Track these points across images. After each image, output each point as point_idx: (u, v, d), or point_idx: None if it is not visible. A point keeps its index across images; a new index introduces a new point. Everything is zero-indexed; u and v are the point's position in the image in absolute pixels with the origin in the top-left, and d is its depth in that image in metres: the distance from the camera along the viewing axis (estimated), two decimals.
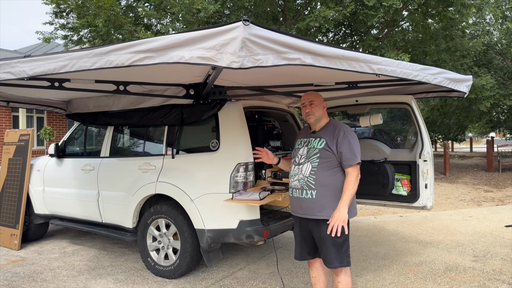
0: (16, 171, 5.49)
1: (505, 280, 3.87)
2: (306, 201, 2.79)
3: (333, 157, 2.76)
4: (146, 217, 4.15)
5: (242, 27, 1.94)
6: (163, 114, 4.13)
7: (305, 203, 2.80)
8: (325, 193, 2.74)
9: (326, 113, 2.97)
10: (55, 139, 12.15)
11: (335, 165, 2.77)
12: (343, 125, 2.87)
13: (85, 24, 9.79)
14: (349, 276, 2.82)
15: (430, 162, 4.06)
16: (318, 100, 2.93)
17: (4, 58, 2.45)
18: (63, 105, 5.27)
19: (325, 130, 2.87)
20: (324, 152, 2.78)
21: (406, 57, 8.77)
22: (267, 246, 5.03)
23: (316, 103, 2.91)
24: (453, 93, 4.03)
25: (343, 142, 2.74)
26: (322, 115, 2.92)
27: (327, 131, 2.86)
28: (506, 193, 9.56)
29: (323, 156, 2.77)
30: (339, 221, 2.61)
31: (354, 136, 2.81)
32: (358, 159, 2.72)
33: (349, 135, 2.78)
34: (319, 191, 2.75)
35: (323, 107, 2.93)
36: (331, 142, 2.77)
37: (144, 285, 3.89)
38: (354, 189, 2.69)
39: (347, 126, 2.86)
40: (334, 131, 2.81)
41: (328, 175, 2.75)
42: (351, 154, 2.71)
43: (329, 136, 2.81)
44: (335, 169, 2.76)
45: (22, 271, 4.34)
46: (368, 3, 8.47)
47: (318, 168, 2.76)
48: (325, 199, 2.73)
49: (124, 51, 2.18)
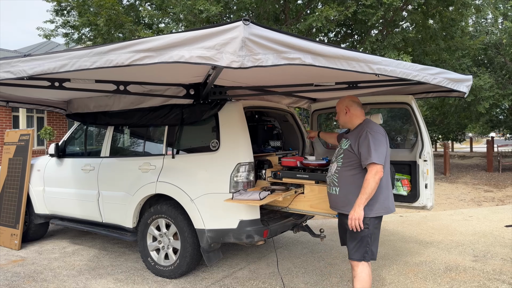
0: (16, 171, 5.49)
1: (505, 280, 3.87)
2: (333, 197, 3.06)
3: (354, 157, 2.91)
4: (146, 217, 4.15)
5: (242, 26, 1.94)
6: (163, 114, 4.13)
7: (332, 198, 3.08)
8: (347, 190, 2.92)
9: (355, 116, 3.09)
10: (55, 139, 12.15)
11: (357, 165, 2.90)
12: (369, 126, 2.96)
13: (86, 22, 9.79)
14: (365, 272, 2.90)
15: (430, 162, 4.05)
16: (338, 108, 3.19)
17: (4, 58, 2.45)
18: (63, 105, 5.26)
19: (354, 132, 3.04)
20: (347, 153, 2.97)
21: (408, 58, 8.76)
22: (267, 246, 5.03)
23: (337, 110, 3.19)
24: (453, 93, 4.03)
25: (363, 142, 2.85)
26: (346, 120, 3.13)
27: (354, 132, 3.02)
28: (506, 193, 9.56)
29: (346, 156, 2.97)
30: (353, 219, 2.77)
31: (376, 136, 2.87)
32: (372, 159, 2.77)
33: (371, 136, 2.85)
34: (341, 189, 2.96)
35: (345, 112, 3.11)
36: (354, 143, 2.92)
37: (144, 285, 3.89)
38: (370, 187, 2.76)
39: (373, 127, 2.95)
40: (359, 132, 2.94)
41: (350, 174, 2.93)
42: (368, 154, 2.80)
43: (354, 138, 2.96)
44: (357, 169, 2.90)
45: (22, 271, 4.34)
46: (366, 1, 8.46)
47: (342, 167, 2.98)
48: (347, 196, 2.91)
49: (124, 50, 2.17)
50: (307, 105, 5.21)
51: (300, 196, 3.65)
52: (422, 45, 11.09)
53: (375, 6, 8.65)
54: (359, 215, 2.75)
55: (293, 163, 3.90)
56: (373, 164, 2.77)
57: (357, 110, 3.10)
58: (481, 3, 12.21)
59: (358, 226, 2.76)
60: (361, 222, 2.75)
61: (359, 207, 2.75)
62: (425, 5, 10.22)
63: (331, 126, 12.92)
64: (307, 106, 5.22)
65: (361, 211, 2.75)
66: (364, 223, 2.79)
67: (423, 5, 10.24)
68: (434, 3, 9.91)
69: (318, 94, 4.77)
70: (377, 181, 2.77)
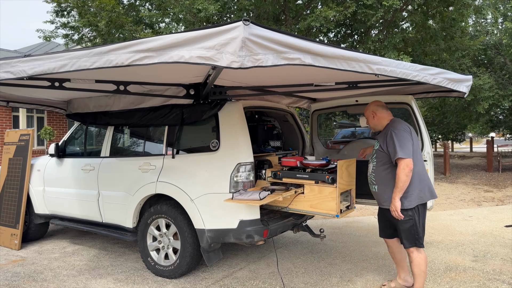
0: (17, 171, 5.49)
1: (505, 280, 3.87)
2: (375, 194, 3.42)
3: (385, 156, 3.27)
4: (146, 217, 4.15)
5: (242, 26, 1.94)
6: (163, 114, 4.14)
7: (375, 195, 3.44)
8: (384, 187, 3.29)
9: (382, 118, 3.42)
10: (55, 139, 12.15)
11: (389, 162, 3.25)
12: (393, 125, 3.30)
13: (86, 23, 9.79)
14: (420, 257, 3.25)
15: (430, 162, 4.06)
16: (366, 114, 3.52)
17: (4, 58, 2.45)
18: (63, 105, 5.27)
19: (382, 133, 3.39)
20: (379, 153, 3.34)
21: (407, 59, 8.76)
22: (267, 246, 5.03)
23: (366, 116, 3.53)
24: (453, 93, 4.03)
25: (390, 141, 3.21)
26: (376, 123, 3.46)
27: (382, 133, 3.37)
28: (506, 193, 9.56)
29: (379, 156, 3.34)
30: (393, 211, 3.17)
31: (400, 133, 3.19)
32: (398, 154, 3.10)
33: (395, 134, 3.19)
34: (379, 186, 3.34)
35: (372, 117, 3.46)
36: (383, 143, 3.29)
37: (144, 285, 3.89)
38: (401, 181, 3.09)
39: (397, 125, 3.26)
40: (386, 132, 3.29)
41: (383, 172, 3.29)
42: (394, 150, 3.15)
43: (382, 138, 3.32)
44: (389, 166, 3.26)
45: (22, 271, 4.34)
46: (367, 2, 8.46)
47: (376, 166, 3.35)
48: (385, 191, 3.28)
49: (124, 50, 2.18)
50: (307, 105, 5.21)
51: (300, 196, 3.65)
52: (422, 45, 11.09)
53: (375, 6, 8.65)
54: (396, 207, 3.13)
55: (293, 163, 3.90)
56: (400, 159, 3.10)
57: (383, 113, 3.42)
58: (481, 3, 12.19)
59: (398, 216, 3.14)
60: (399, 212, 3.12)
61: (394, 200, 3.13)
62: (425, 5, 10.22)
63: (331, 126, 12.93)
64: (307, 106, 5.22)
65: (397, 202, 3.12)
66: (407, 215, 3.16)
67: (423, 6, 10.24)
68: (434, 4, 9.91)
69: (318, 94, 4.77)
70: (407, 173, 3.08)
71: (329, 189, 3.47)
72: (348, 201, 3.73)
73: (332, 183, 3.47)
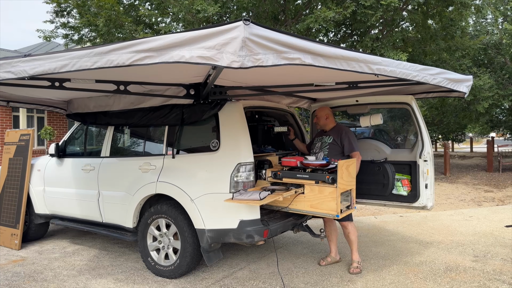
0: (17, 171, 5.49)
1: (505, 280, 3.87)
2: None
3: (338, 148, 4.11)
4: (147, 217, 4.15)
5: (243, 26, 1.94)
6: (164, 114, 4.13)
7: None
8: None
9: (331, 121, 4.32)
10: (56, 139, 12.16)
11: (340, 153, 4.09)
12: (342, 127, 4.21)
13: (85, 23, 9.79)
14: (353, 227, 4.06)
15: (430, 162, 4.06)
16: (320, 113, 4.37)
17: (5, 58, 2.45)
18: (63, 105, 5.27)
19: (333, 131, 4.21)
20: (332, 146, 4.13)
21: (404, 56, 8.77)
22: (267, 246, 5.03)
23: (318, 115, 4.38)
24: (453, 93, 4.03)
25: (345, 138, 4.06)
26: (326, 123, 4.32)
27: (334, 131, 4.20)
28: (507, 193, 9.56)
29: (331, 148, 4.12)
30: None
31: (351, 133, 4.16)
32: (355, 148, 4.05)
33: (349, 133, 4.11)
34: None
35: (325, 118, 4.32)
36: (337, 138, 4.10)
37: (145, 285, 3.89)
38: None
39: (345, 127, 4.15)
40: (340, 132, 4.13)
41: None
42: (350, 145, 4.05)
43: (336, 135, 4.14)
44: (340, 156, 4.06)
45: (22, 270, 4.34)
46: (366, 2, 8.46)
47: (329, 156, 4.06)
48: None
49: (125, 50, 2.18)
50: (307, 105, 5.21)
51: (300, 196, 3.65)
52: (422, 45, 11.09)
53: (374, 6, 8.65)
54: None
55: (293, 163, 3.90)
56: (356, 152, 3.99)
57: (332, 118, 4.34)
58: (481, 3, 12.20)
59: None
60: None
61: None
62: (425, 5, 10.22)
63: None
64: (307, 106, 5.22)
65: None
66: None
67: (422, 5, 10.23)
68: (434, 3, 9.91)
69: (318, 94, 4.78)
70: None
71: (330, 189, 3.47)
72: (348, 201, 3.73)
73: (332, 183, 3.47)
